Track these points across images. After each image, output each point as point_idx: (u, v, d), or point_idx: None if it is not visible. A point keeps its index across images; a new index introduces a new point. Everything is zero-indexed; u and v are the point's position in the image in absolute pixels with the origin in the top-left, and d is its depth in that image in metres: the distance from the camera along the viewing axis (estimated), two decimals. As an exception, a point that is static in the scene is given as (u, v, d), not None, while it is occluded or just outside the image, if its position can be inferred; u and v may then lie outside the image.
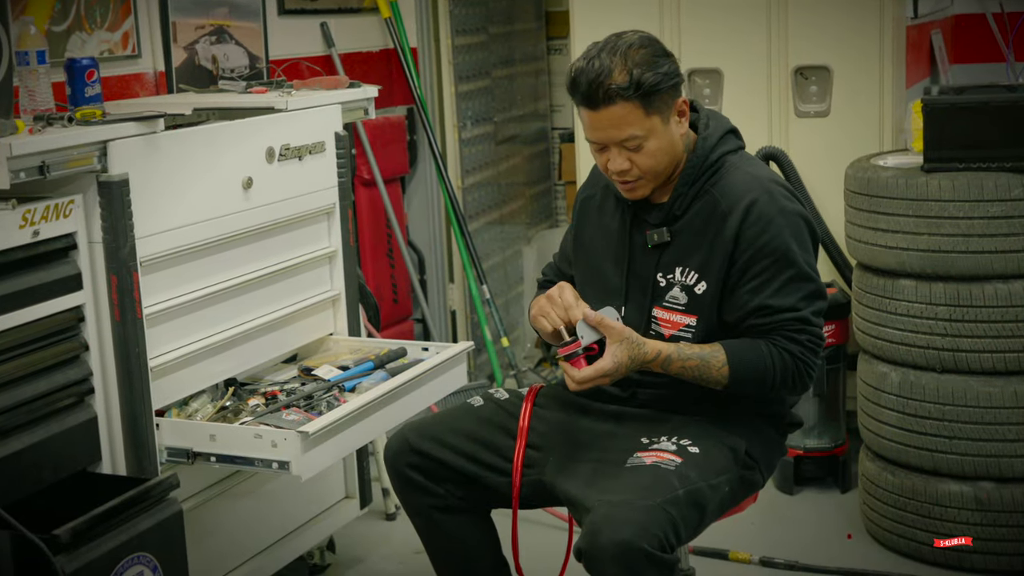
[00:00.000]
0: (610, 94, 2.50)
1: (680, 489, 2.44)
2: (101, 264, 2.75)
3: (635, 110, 2.52)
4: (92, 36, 3.51)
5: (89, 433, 2.77)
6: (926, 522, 3.54)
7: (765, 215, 2.59)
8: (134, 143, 2.77)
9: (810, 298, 2.60)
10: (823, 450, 4.11)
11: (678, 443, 2.58)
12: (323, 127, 3.41)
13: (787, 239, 2.58)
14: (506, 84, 5.71)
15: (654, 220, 2.69)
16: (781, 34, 4.22)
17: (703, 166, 2.65)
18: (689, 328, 2.64)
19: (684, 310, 2.64)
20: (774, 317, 2.58)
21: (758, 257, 2.58)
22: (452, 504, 2.77)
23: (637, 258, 2.71)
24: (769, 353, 2.57)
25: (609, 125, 2.54)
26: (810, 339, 2.59)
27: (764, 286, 2.58)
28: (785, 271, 2.58)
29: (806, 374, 2.60)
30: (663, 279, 2.67)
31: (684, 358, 2.57)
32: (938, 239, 3.42)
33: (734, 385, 2.58)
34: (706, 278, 2.62)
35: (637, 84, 2.49)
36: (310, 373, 3.29)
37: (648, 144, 2.56)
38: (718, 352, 2.58)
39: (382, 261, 4.89)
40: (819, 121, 4.23)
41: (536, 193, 6.08)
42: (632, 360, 2.55)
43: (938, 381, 3.47)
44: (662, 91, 2.54)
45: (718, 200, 2.62)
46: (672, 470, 2.48)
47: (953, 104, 3.43)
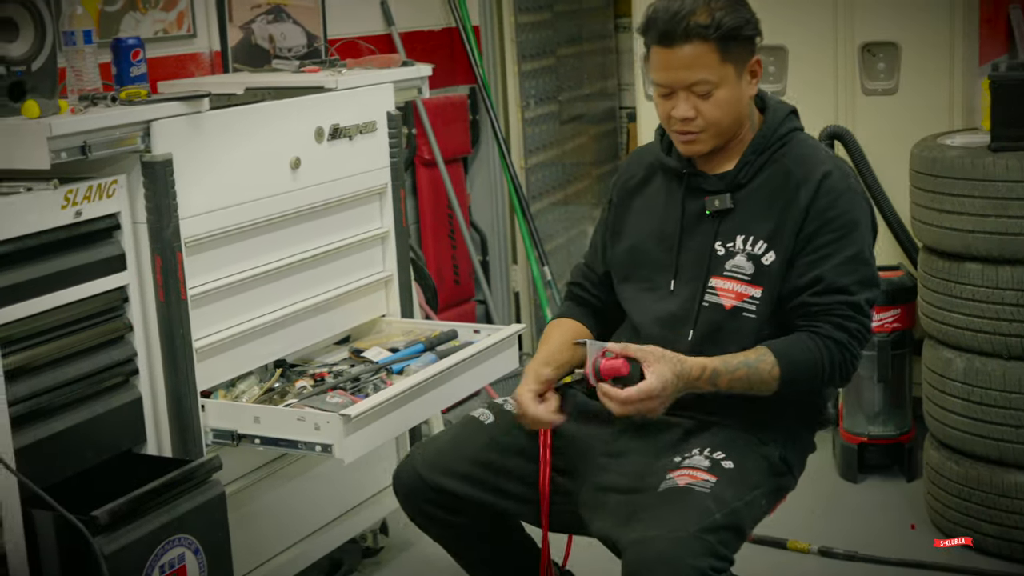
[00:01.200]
0: (689, 31, 2.43)
1: (717, 513, 2.31)
2: (145, 244, 2.74)
3: (711, 53, 2.45)
4: (146, 16, 3.51)
5: (134, 414, 2.77)
6: (991, 513, 3.43)
7: (837, 188, 2.51)
8: (178, 123, 2.76)
9: (865, 284, 2.51)
10: (888, 437, 4.01)
11: (711, 456, 2.45)
12: (375, 106, 3.38)
13: (857, 216, 2.52)
14: (573, 62, 5.64)
15: (713, 187, 2.58)
16: (847, 9, 4.10)
17: (773, 137, 2.57)
18: (753, 300, 2.52)
19: (750, 280, 2.52)
20: (827, 298, 2.48)
21: (825, 229, 2.49)
22: (477, 531, 2.67)
23: (691, 228, 2.60)
24: (816, 347, 2.46)
25: (681, 66, 2.46)
26: (859, 328, 2.49)
27: (825, 260, 2.48)
28: (848, 248, 2.49)
29: (851, 365, 2.51)
30: (722, 247, 2.55)
31: (732, 369, 2.44)
32: (1005, 221, 3.30)
33: (785, 387, 2.46)
34: (775, 248, 2.51)
35: (718, 25, 2.43)
36: (360, 355, 3.26)
37: (718, 93, 2.48)
38: (765, 355, 2.45)
39: (443, 242, 4.86)
40: (886, 99, 4.12)
41: (603, 173, 6.01)
42: (678, 377, 2.40)
43: (1004, 368, 3.36)
44: (740, 39, 2.48)
45: (791, 169, 2.54)
46: (708, 492, 2.35)
47: (1021, 81, 3.30)
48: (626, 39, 6.04)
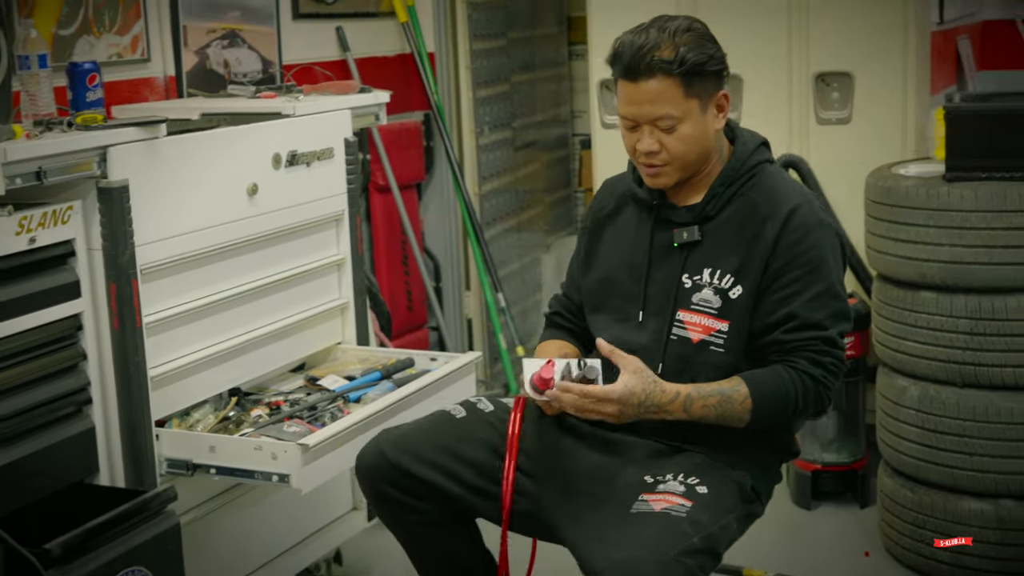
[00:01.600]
0: (652, 66, 2.44)
1: (695, 537, 2.31)
2: (100, 271, 2.70)
3: (675, 88, 2.46)
4: (100, 40, 3.47)
5: (86, 444, 2.73)
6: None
7: (806, 224, 2.51)
8: (135, 148, 2.73)
9: (837, 317, 2.51)
10: (841, 464, 4.03)
11: (685, 482, 2.44)
12: (332, 133, 3.36)
13: (824, 251, 2.51)
14: (526, 89, 5.65)
15: (682, 219, 2.59)
16: (802, 39, 4.14)
17: (742, 169, 2.58)
18: (720, 334, 2.52)
19: (716, 314, 2.52)
20: (800, 334, 2.48)
21: (792, 265, 2.49)
22: (433, 519, 2.64)
23: (659, 259, 2.61)
24: (791, 379, 2.47)
25: (646, 100, 2.47)
26: (833, 362, 2.50)
27: (795, 296, 2.49)
28: (817, 283, 2.49)
29: (826, 398, 2.52)
30: (689, 280, 2.56)
31: (705, 397, 2.45)
32: (960, 250, 3.33)
33: (757, 419, 2.47)
34: (742, 282, 2.51)
35: (682, 60, 2.44)
36: (316, 383, 3.23)
37: (682, 128, 2.49)
38: (739, 386, 2.46)
39: (397, 268, 4.84)
40: (840, 128, 4.15)
41: (555, 200, 6.01)
42: (645, 395, 2.42)
43: (959, 396, 3.39)
44: (705, 74, 2.48)
45: (758, 203, 2.54)
46: (684, 516, 2.34)
47: (976, 112, 3.35)
48: (579, 66, 6.07)
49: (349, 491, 3.55)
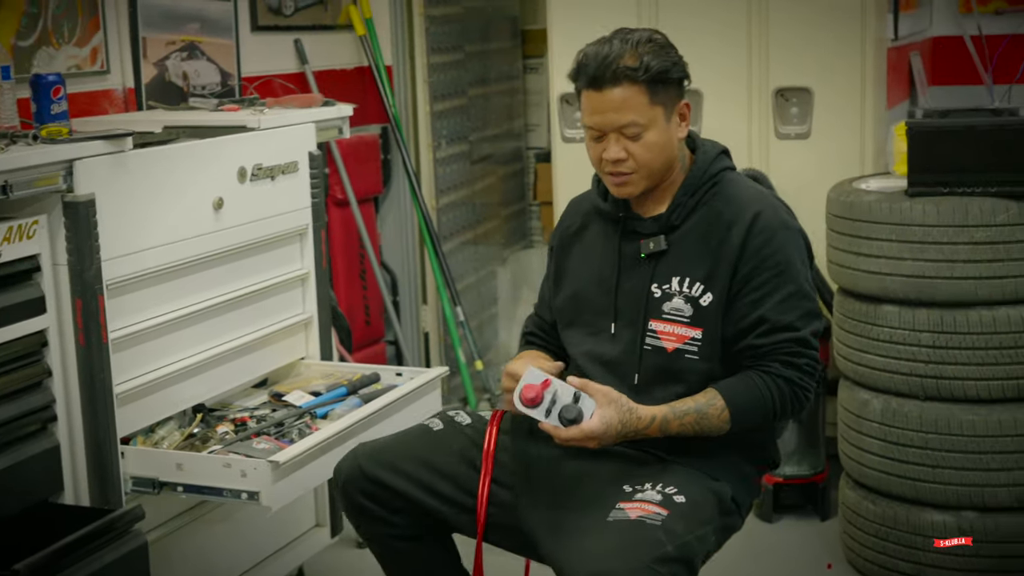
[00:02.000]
0: (617, 74, 2.47)
1: (669, 545, 2.31)
2: (66, 287, 2.66)
3: (640, 95, 2.49)
4: (60, 51, 3.42)
5: (51, 462, 2.68)
6: (908, 552, 3.47)
7: (770, 227, 2.54)
8: (101, 162, 2.69)
9: (808, 317, 2.55)
10: (802, 477, 4.05)
11: (663, 492, 2.45)
12: (297, 146, 3.33)
13: (791, 253, 2.55)
14: (482, 103, 5.65)
15: (647, 230, 2.61)
16: (762, 55, 4.17)
17: (704, 177, 2.60)
18: (694, 341, 2.54)
19: (689, 322, 2.55)
20: (773, 337, 2.51)
21: (760, 269, 2.52)
22: (409, 533, 2.62)
23: (627, 271, 2.62)
24: (765, 385, 2.50)
25: (611, 108, 2.50)
26: (808, 363, 2.53)
27: (765, 299, 2.52)
28: (786, 285, 2.53)
29: (804, 399, 2.55)
30: (658, 290, 2.57)
31: (680, 415, 2.48)
32: (921, 264, 3.36)
33: (737, 427, 2.51)
34: (712, 289, 2.54)
35: (646, 68, 2.48)
36: (281, 399, 3.20)
37: (647, 135, 2.52)
38: (715, 399, 2.49)
39: (355, 282, 4.81)
40: (800, 143, 4.18)
41: (511, 214, 6.01)
42: (623, 424, 2.44)
43: (921, 408, 3.41)
44: (668, 82, 2.52)
45: (721, 210, 2.57)
46: (659, 525, 2.34)
47: (938, 128, 3.38)
48: (534, 80, 6.08)
49: (312, 508, 3.52)
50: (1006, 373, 3.33)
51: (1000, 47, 4.98)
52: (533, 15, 6.03)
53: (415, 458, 2.61)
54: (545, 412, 2.45)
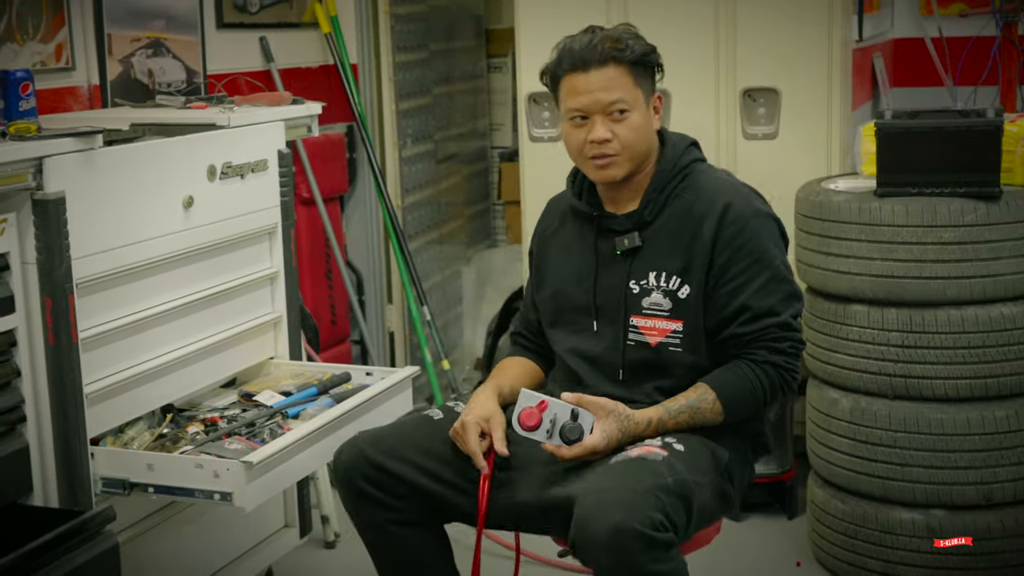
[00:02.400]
0: (604, 55, 2.57)
1: (668, 477, 2.37)
2: (35, 286, 2.63)
3: (625, 75, 2.59)
4: (24, 48, 3.38)
5: (20, 463, 2.65)
6: (877, 550, 3.49)
7: (742, 216, 2.60)
8: (71, 160, 2.66)
9: (788, 300, 2.61)
10: (770, 476, 4.06)
11: (664, 440, 2.51)
12: (266, 144, 3.31)
13: (764, 240, 2.61)
14: (446, 102, 5.63)
15: (622, 227, 2.67)
16: (729, 55, 4.18)
17: (673, 171, 2.66)
18: (676, 334, 2.61)
19: (669, 316, 2.61)
20: (756, 324, 2.57)
21: (736, 258, 2.58)
22: (409, 518, 2.63)
23: (605, 268, 2.67)
24: (754, 374, 2.57)
25: (599, 87, 2.57)
26: (792, 345, 2.60)
27: (744, 287, 2.58)
28: (764, 272, 2.59)
29: (791, 381, 2.62)
30: (636, 286, 2.63)
31: (675, 414, 2.55)
32: (891, 264, 3.38)
33: (730, 418, 2.58)
34: (689, 282, 2.60)
35: (631, 49, 2.58)
36: (251, 399, 3.17)
37: (632, 116, 2.59)
38: (705, 393, 2.56)
39: (320, 282, 4.78)
40: (767, 143, 4.19)
41: (475, 213, 6.00)
42: (623, 432, 2.51)
43: (890, 407, 3.43)
44: (648, 65, 2.63)
45: (692, 203, 2.63)
46: (660, 460, 2.41)
47: (907, 129, 3.40)
48: (498, 79, 6.06)
49: (282, 509, 3.50)
50: (974, 372, 3.36)
51: (964, 49, 5.01)
52: (498, 14, 6.02)
53: (417, 445, 2.63)
54: (546, 434, 2.50)
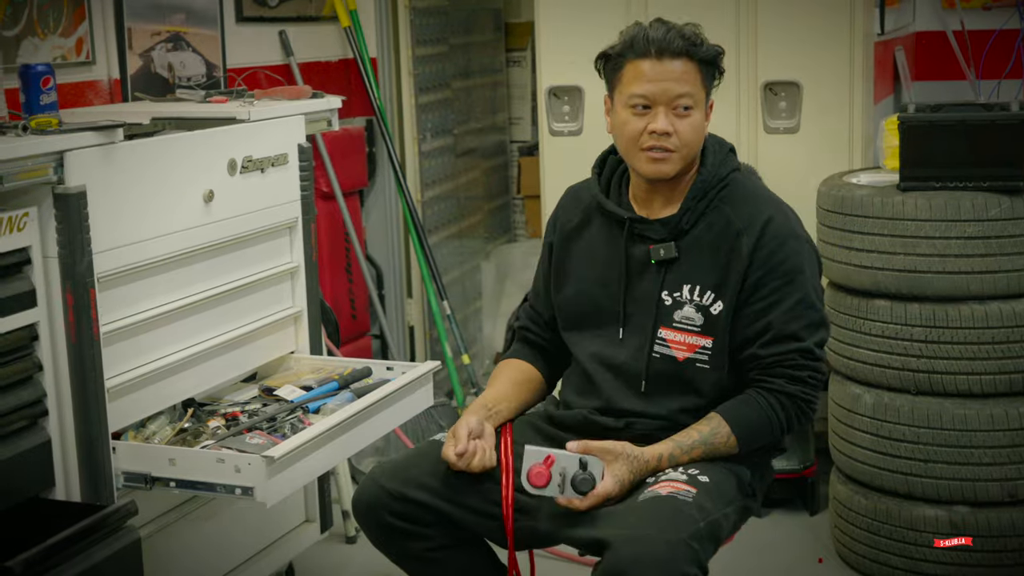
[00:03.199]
0: (682, 47, 2.52)
1: (701, 522, 2.32)
2: (56, 280, 2.62)
3: (696, 73, 2.53)
4: (45, 41, 3.38)
5: (42, 457, 2.64)
6: (900, 547, 3.48)
7: (780, 235, 2.54)
8: (92, 153, 2.65)
9: (814, 327, 2.54)
10: (792, 472, 4.04)
11: (687, 472, 2.45)
12: (286, 138, 3.30)
13: (800, 261, 2.54)
14: (465, 96, 5.62)
15: (657, 235, 2.58)
16: (750, 49, 4.16)
17: (714, 180, 2.59)
18: (705, 350, 2.54)
19: (700, 331, 2.54)
20: (777, 348, 2.50)
21: (769, 277, 2.51)
22: (445, 543, 2.59)
23: (635, 275, 2.60)
24: (769, 405, 2.51)
25: (671, 78, 2.51)
26: (812, 375, 2.53)
27: (772, 307, 2.51)
28: (794, 294, 2.52)
29: (809, 412, 2.56)
30: (669, 297, 2.56)
31: (688, 450, 2.49)
32: (914, 259, 3.36)
33: (745, 450, 2.53)
34: (722, 298, 2.53)
35: (706, 47, 2.54)
36: (272, 393, 3.17)
37: (695, 114, 2.54)
38: (719, 427, 2.50)
39: (340, 276, 4.78)
40: (788, 137, 4.17)
41: (495, 207, 5.99)
42: (634, 473, 2.46)
43: (913, 403, 3.41)
44: (716, 68, 2.58)
45: (731, 217, 2.56)
46: (691, 501, 2.35)
47: (931, 122, 3.38)
48: (517, 73, 6.05)
49: (302, 504, 3.50)
50: (998, 368, 3.34)
51: (988, 42, 4.98)
52: (516, 8, 6.01)
53: (433, 473, 2.57)
54: (558, 488, 2.43)
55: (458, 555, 2.62)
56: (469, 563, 2.65)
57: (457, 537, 2.60)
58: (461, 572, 2.64)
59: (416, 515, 2.55)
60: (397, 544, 2.59)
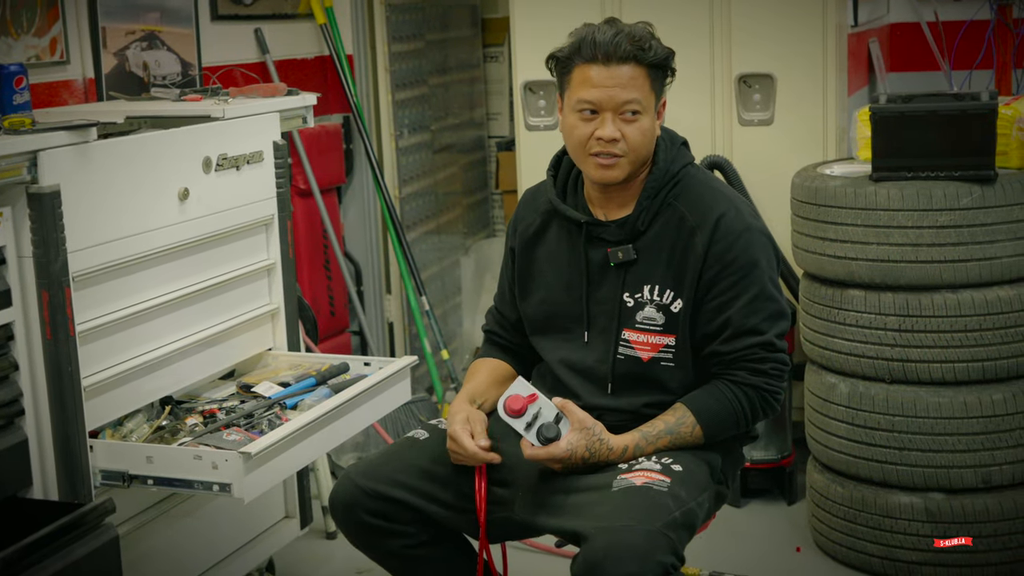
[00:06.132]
0: (629, 52, 2.48)
1: (676, 511, 2.34)
2: (31, 280, 2.63)
3: (643, 77, 2.51)
4: (18, 42, 3.38)
5: (19, 457, 2.64)
6: (876, 534, 3.50)
7: (734, 230, 2.53)
8: (66, 153, 2.66)
9: (774, 319, 2.55)
10: (769, 461, 4.07)
11: (660, 462, 2.47)
12: (261, 136, 3.31)
13: (755, 255, 2.54)
14: (442, 92, 5.63)
15: (613, 237, 2.60)
16: (724, 42, 4.18)
17: (665, 177, 2.59)
18: (668, 348, 2.55)
19: (662, 330, 2.55)
20: (737, 343, 2.52)
21: (724, 273, 2.52)
22: (424, 539, 2.60)
23: (596, 278, 2.62)
24: (734, 396, 2.53)
25: (617, 84, 2.49)
26: (775, 366, 2.55)
27: (730, 303, 2.52)
28: (751, 288, 2.53)
29: (773, 403, 2.58)
30: (631, 299, 2.57)
31: (654, 440, 2.52)
32: (887, 248, 3.39)
33: (711, 439, 2.55)
34: (680, 296, 2.54)
35: (655, 52, 2.51)
36: (249, 390, 3.18)
37: (642, 119, 2.52)
38: (684, 416, 2.53)
39: (319, 273, 4.78)
40: (763, 129, 4.19)
41: (473, 203, 6.00)
42: (590, 452, 2.48)
43: (887, 391, 3.44)
44: (665, 71, 2.56)
45: (685, 215, 2.56)
46: (666, 491, 2.37)
47: (902, 113, 3.40)
48: (494, 69, 6.06)
49: (281, 499, 3.50)
50: (971, 355, 3.36)
51: (959, 33, 5.01)
52: (493, 4, 6.01)
53: (410, 468, 2.59)
54: (525, 425, 2.48)
55: (437, 551, 2.63)
56: (448, 558, 2.67)
57: (435, 533, 2.62)
58: (440, 568, 2.66)
59: (393, 513, 2.56)
60: (376, 542, 2.60)
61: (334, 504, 2.62)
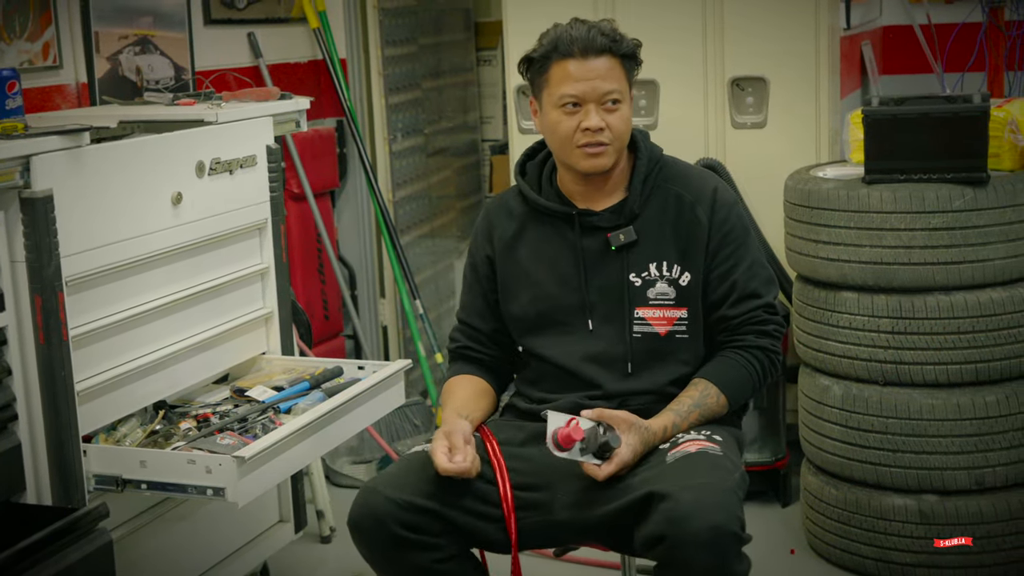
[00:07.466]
0: (604, 45, 2.59)
1: (735, 473, 2.43)
2: (24, 284, 2.62)
3: (619, 68, 2.62)
4: (11, 46, 3.38)
5: (12, 462, 2.64)
6: (870, 536, 3.51)
7: (728, 202, 2.70)
8: (58, 157, 2.66)
9: (770, 283, 2.71)
10: (763, 464, 4.07)
11: (701, 433, 2.55)
12: (254, 140, 3.31)
13: (746, 224, 2.73)
14: (436, 96, 5.63)
15: (608, 223, 2.67)
16: (717, 45, 4.18)
17: (651, 162, 2.71)
18: (682, 321, 2.66)
19: (675, 303, 2.65)
20: (743, 306, 2.65)
21: (727, 241, 2.66)
22: (452, 553, 2.52)
23: (595, 266, 2.67)
24: (746, 361, 2.64)
25: (597, 76, 2.59)
26: (776, 328, 2.69)
27: (733, 269, 2.66)
28: (748, 255, 2.68)
29: (777, 361, 2.69)
30: (638, 278, 2.66)
31: (686, 415, 2.59)
32: (880, 251, 3.39)
33: (734, 407, 2.66)
34: (688, 268, 2.65)
35: (626, 43, 2.62)
36: (243, 394, 3.18)
37: (623, 108, 2.63)
38: (707, 389, 2.62)
39: (312, 277, 4.79)
40: (756, 132, 4.20)
41: (467, 206, 6.00)
42: (644, 444, 2.52)
43: (881, 394, 3.44)
44: (636, 62, 2.66)
45: (681, 193, 2.68)
46: (721, 455, 2.45)
47: (894, 115, 3.41)
48: (488, 72, 6.07)
49: (276, 504, 3.50)
50: (964, 357, 3.37)
51: (951, 35, 5.02)
52: (486, 7, 6.02)
53: (432, 480, 2.49)
54: (580, 451, 2.46)
55: (457, 568, 2.54)
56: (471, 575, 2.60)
57: (462, 547, 2.55)
58: None
59: (425, 524, 2.47)
60: (402, 557, 2.49)
61: (360, 518, 2.49)
